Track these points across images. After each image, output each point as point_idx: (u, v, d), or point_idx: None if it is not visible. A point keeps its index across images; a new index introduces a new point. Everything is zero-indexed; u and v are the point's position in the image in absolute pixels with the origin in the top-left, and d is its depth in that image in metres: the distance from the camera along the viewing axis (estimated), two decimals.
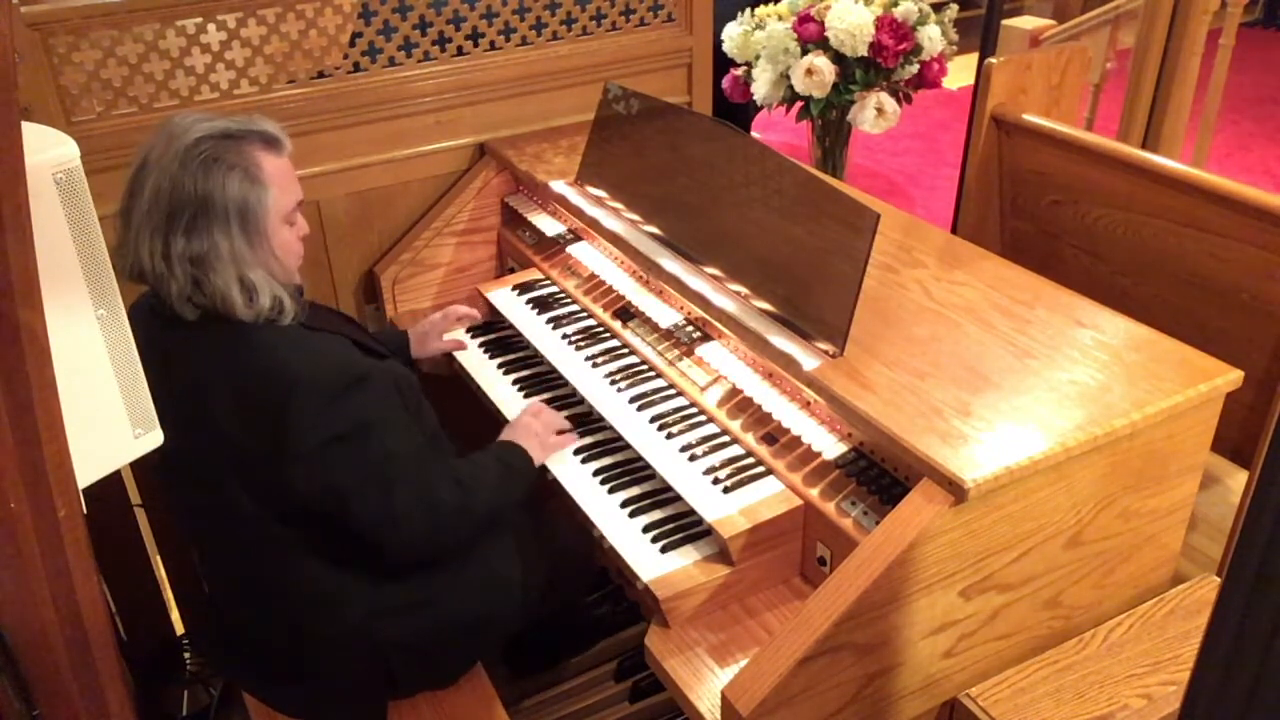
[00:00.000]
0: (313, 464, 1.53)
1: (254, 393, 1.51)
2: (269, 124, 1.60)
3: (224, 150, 1.52)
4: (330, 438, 1.52)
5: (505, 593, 1.79)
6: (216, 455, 1.57)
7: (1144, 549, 1.66)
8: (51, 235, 1.60)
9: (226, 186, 1.51)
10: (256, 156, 1.55)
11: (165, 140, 1.52)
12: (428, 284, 2.52)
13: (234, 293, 1.52)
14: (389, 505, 1.58)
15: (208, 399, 1.53)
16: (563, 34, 2.56)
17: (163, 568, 2.53)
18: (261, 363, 1.52)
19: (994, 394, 1.53)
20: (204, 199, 1.49)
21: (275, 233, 1.59)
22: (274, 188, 1.57)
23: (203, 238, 1.50)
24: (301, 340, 1.56)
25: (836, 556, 1.58)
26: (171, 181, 1.49)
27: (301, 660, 1.72)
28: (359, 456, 1.55)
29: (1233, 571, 0.76)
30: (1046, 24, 3.46)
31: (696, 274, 1.94)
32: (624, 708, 2.23)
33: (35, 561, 1.43)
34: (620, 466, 1.87)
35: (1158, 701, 1.50)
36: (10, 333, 1.32)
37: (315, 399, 1.50)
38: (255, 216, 1.54)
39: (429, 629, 1.72)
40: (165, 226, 1.50)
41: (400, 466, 1.59)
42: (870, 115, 2.99)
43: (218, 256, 1.51)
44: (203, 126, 1.53)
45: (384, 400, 1.59)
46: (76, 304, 1.69)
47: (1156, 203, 2.13)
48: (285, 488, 1.54)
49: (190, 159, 1.50)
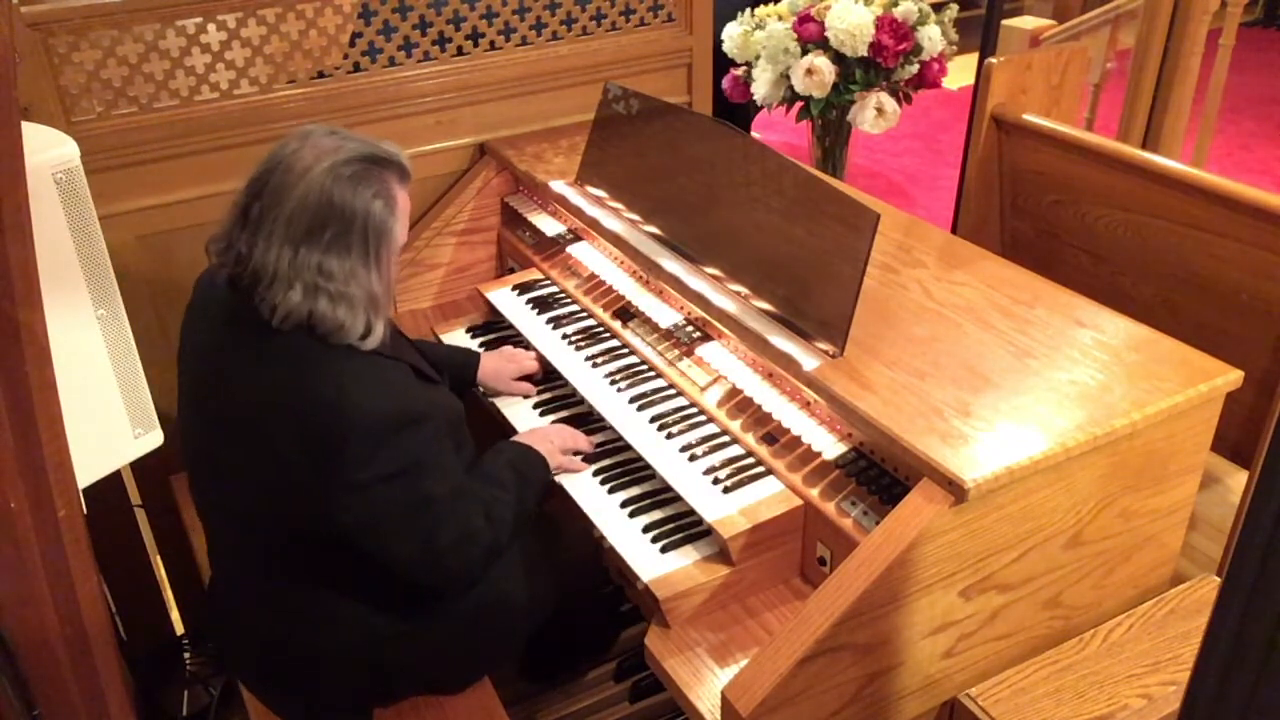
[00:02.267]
0: (359, 499, 1.52)
1: (313, 421, 1.50)
2: (404, 155, 1.61)
3: (372, 175, 1.53)
4: (381, 476, 1.51)
5: (510, 613, 1.78)
6: (263, 470, 1.56)
7: (1144, 549, 1.66)
8: (51, 235, 1.61)
9: (371, 209, 1.52)
10: (394, 187, 1.56)
11: (314, 151, 1.52)
12: (428, 284, 2.52)
13: (341, 312, 1.52)
14: (430, 546, 1.57)
15: (269, 416, 1.53)
16: (563, 34, 2.56)
17: (163, 568, 2.53)
18: (327, 394, 1.50)
19: (994, 394, 1.53)
20: (349, 217, 1.50)
21: (390, 266, 1.59)
22: (401, 222, 1.59)
23: (338, 256, 1.51)
24: (367, 371, 1.54)
25: (836, 556, 1.58)
26: (320, 193, 1.49)
27: (296, 670, 1.71)
28: (405, 496, 1.54)
29: (1233, 571, 0.76)
30: (1046, 24, 3.46)
31: (696, 274, 1.95)
32: (624, 708, 2.22)
33: (35, 561, 1.43)
34: (620, 466, 1.87)
35: (1158, 701, 1.50)
36: (10, 333, 1.32)
37: (372, 436, 1.49)
38: (386, 243, 1.55)
39: (431, 652, 1.71)
40: (303, 238, 1.49)
41: (444, 509, 1.58)
42: (870, 115, 2.99)
43: (345, 275, 1.51)
44: (353, 146, 1.54)
45: (436, 440, 1.58)
46: (76, 304, 1.69)
47: (1156, 203, 2.13)
48: (325, 518, 1.53)
49: (341, 176, 1.50)
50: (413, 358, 1.71)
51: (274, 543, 1.64)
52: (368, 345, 1.57)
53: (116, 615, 2.27)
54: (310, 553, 1.62)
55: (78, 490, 1.53)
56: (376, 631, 1.67)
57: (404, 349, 1.73)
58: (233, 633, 1.78)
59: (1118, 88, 3.48)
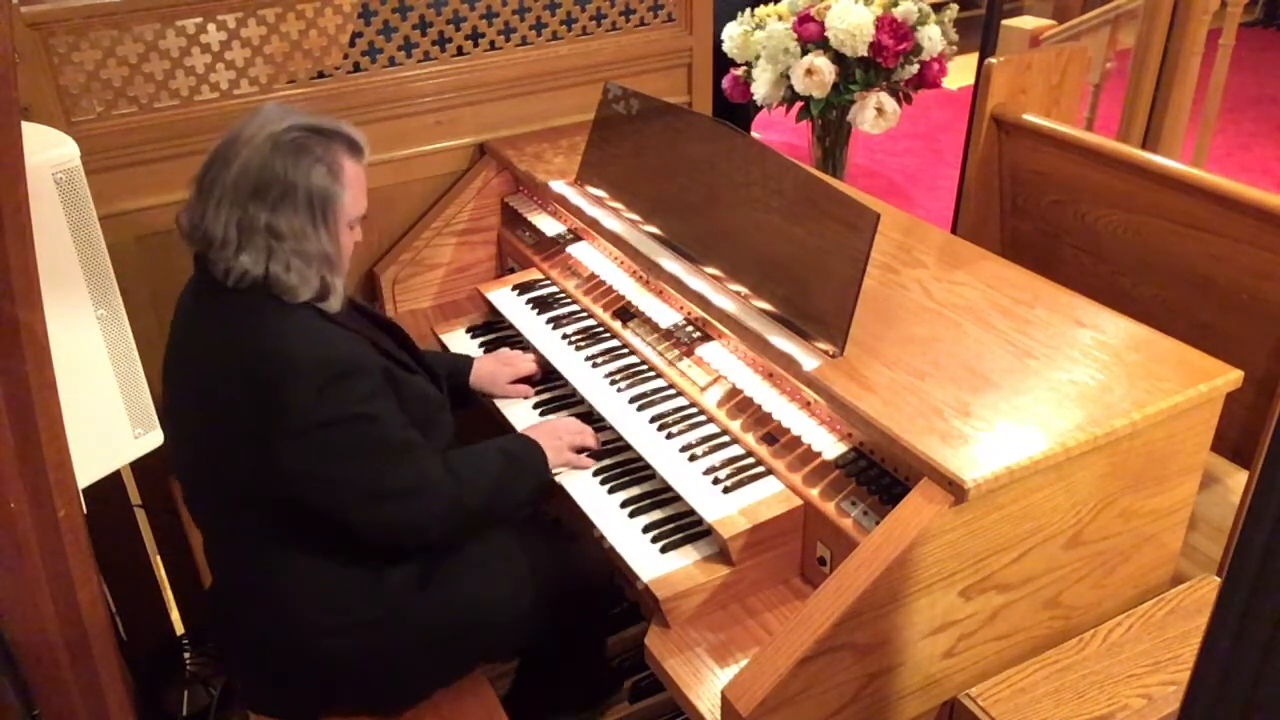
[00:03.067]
0: (301, 445, 1.55)
1: (257, 370, 1.55)
2: (354, 130, 1.67)
3: (314, 142, 1.59)
4: (322, 421, 1.55)
5: (488, 612, 1.76)
6: (216, 428, 1.60)
7: (1144, 549, 1.66)
8: (51, 235, 1.61)
9: (312, 175, 1.57)
10: (340, 157, 1.62)
11: (259, 122, 1.59)
12: (428, 284, 2.52)
13: (294, 272, 1.57)
14: (378, 492, 1.60)
15: (221, 372, 1.57)
16: (563, 34, 2.56)
17: (163, 568, 2.53)
18: (268, 343, 1.56)
19: (994, 394, 1.53)
20: (290, 182, 1.56)
21: (340, 232, 1.64)
22: (350, 190, 1.63)
23: (285, 216, 1.57)
24: (312, 328, 1.59)
25: (836, 556, 1.58)
26: (262, 160, 1.55)
27: (286, 668, 1.71)
28: (347, 442, 1.58)
29: (1233, 571, 0.76)
30: (1046, 24, 3.46)
31: (696, 274, 1.94)
32: (624, 708, 2.22)
33: (35, 561, 1.43)
34: (620, 466, 1.87)
35: (1158, 701, 1.50)
36: (10, 333, 1.32)
37: (308, 381, 1.53)
38: (331, 209, 1.60)
39: (385, 649, 1.69)
40: (249, 199, 1.55)
41: (392, 455, 1.61)
42: (870, 115, 2.99)
43: (295, 235, 1.57)
44: (297, 118, 1.60)
45: (375, 396, 1.61)
46: (76, 304, 1.69)
47: (1156, 203, 2.13)
48: (273, 469, 1.56)
49: (282, 143, 1.56)
50: (384, 340, 1.75)
51: (245, 518, 1.66)
52: (330, 306, 1.63)
53: (116, 615, 2.27)
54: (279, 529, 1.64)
55: (78, 490, 1.53)
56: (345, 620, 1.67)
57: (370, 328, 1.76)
58: (229, 633, 1.78)
59: (1118, 88, 3.48)
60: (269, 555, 1.66)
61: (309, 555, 1.65)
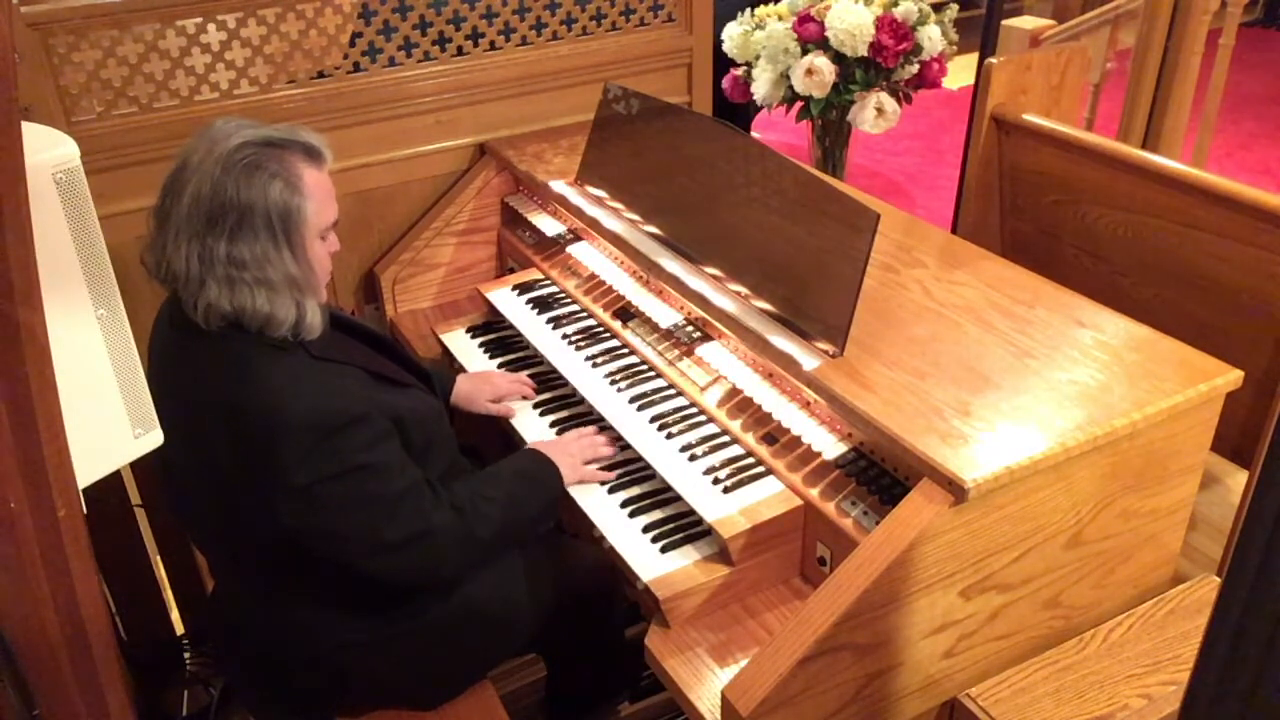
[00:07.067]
0: (301, 503, 1.50)
1: (242, 426, 1.48)
2: (312, 136, 1.58)
3: (266, 157, 1.49)
4: (320, 478, 1.49)
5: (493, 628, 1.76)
6: (207, 476, 1.56)
7: (1144, 549, 1.66)
8: (51, 235, 1.60)
9: (268, 193, 1.48)
10: (298, 167, 1.53)
11: (207, 144, 1.50)
12: (428, 284, 2.52)
13: (262, 301, 1.49)
14: (379, 544, 1.55)
15: (206, 420, 1.52)
16: (563, 34, 2.56)
17: (163, 568, 2.53)
18: (256, 397, 1.48)
19: (994, 394, 1.53)
20: (246, 205, 1.47)
21: (310, 245, 1.56)
22: (313, 200, 1.54)
23: (245, 243, 1.48)
24: (302, 374, 1.52)
25: (836, 556, 1.58)
26: (213, 186, 1.47)
27: (282, 678, 1.71)
28: (347, 497, 1.52)
29: (1233, 571, 0.76)
30: (1046, 24, 3.45)
31: (696, 274, 1.94)
32: (624, 708, 2.23)
33: (35, 561, 1.43)
34: (620, 466, 1.87)
35: (1158, 701, 1.50)
36: (10, 333, 1.32)
37: (304, 439, 1.47)
38: (295, 225, 1.52)
39: (398, 664, 1.69)
40: (205, 231, 1.47)
41: (391, 506, 1.56)
42: (870, 115, 2.99)
43: (258, 262, 1.49)
44: (246, 133, 1.51)
45: (376, 443, 1.55)
46: (76, 304, 1.69)
47: (1156, 203, 2.13)
48: (271, 522, 1.52)
49: (232, 164, 1.47)
50: (370, 359, 1.68)
51: (242, 549, 1.64)
52: (308, 333, 1.54)
53: (116, 615, 2.27)
54: (280, 559, 1.61)
55: (78, 490, 1.53)
56: (350, 638, 1.66)
57: (356, 351, 1.69)
58: (227, 640, 1.78)
59: (1118, 88, 3.47)
60: (273, 579, 1.65)
61: (314, 578, 1.64)
